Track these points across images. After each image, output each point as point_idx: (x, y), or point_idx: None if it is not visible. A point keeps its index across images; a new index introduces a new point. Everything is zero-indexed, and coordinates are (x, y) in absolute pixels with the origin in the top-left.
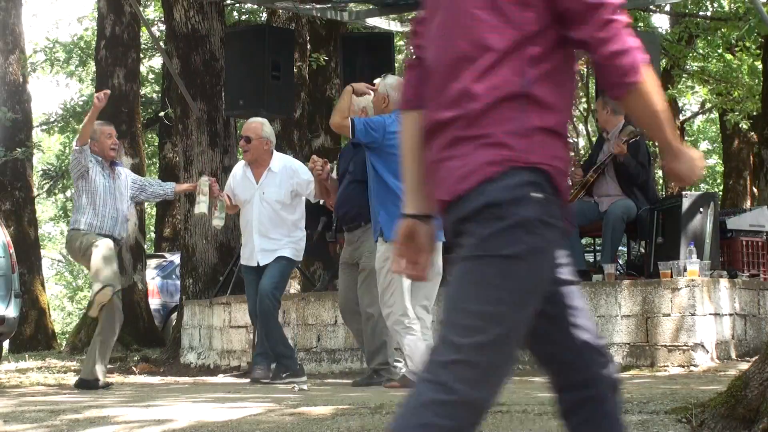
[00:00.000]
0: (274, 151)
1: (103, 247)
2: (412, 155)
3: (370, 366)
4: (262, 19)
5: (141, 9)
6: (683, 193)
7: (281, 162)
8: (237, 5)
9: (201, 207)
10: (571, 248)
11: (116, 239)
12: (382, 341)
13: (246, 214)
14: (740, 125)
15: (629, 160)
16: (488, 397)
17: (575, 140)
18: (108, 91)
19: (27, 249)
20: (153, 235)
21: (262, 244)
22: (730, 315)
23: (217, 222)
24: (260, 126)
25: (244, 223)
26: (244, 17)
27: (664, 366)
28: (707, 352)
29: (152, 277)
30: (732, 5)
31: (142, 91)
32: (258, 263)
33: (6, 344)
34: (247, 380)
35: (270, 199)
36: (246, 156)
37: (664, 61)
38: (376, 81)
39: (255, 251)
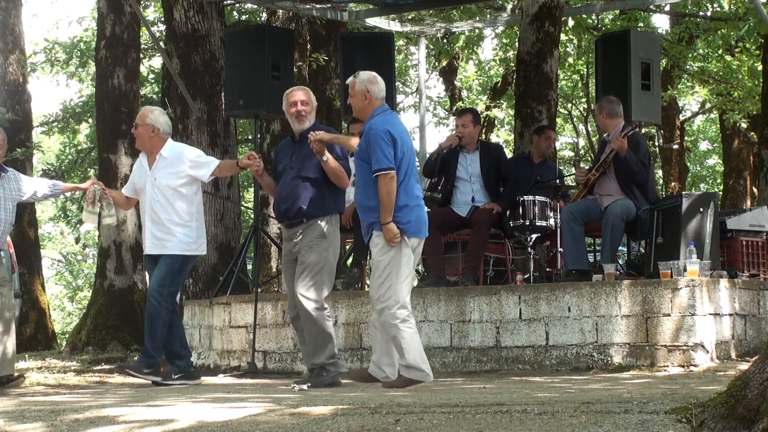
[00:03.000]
0: (169, 139)
1: None
2: None
3: (318, 362)
4: (262, 19)
5: (141, 9)
6: (683, 193)
7: (173, 148)
8: (237, 5)
9: (88, 217)
10: (575, 247)
11: None
12: (327, 334)
13: (141, 202)
14: (740, 125)
15: (630, 155)
16: None
17: (575, 140)
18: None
19: (27, 249)
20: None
21: (153, 230)
22: (730, 315)
23: (109, 221)
24: (147, 112)
25: (141, 211)
26: (244, 17)
27: (664, 366)
28: (707, 352)
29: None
30: (732, 5)
31: (142, 91)
32: (146, 251)
33: None
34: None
35: (161, 184)
36: (136, 142)
37: (664, 61)
38: (348, 81)
39: (146, 238)
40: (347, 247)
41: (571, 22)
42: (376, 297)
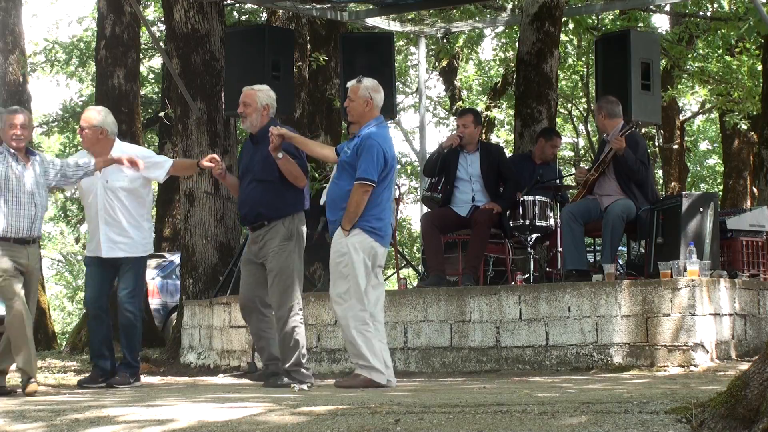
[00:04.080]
0: (117, 140)
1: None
2: None
3: (284, 367)
4: (262, 19)
5: (141, 9)
6: (683, 193)
7: (122, 150)
8: (237, 5)
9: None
10: (575, 247)
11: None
12: (295, 341)
13: (91, 205)
14: (740, 125)
15: (628, 154)
16: None
17: (575, 140)
18: None
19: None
20: (153, 235)
21: (109, 233)
22: (730, 315)
23: None
24: (94, 114)
25: (89, 214)
26: (244, 17)
27: (664, 366)
28: (707, 352)
29: (152, 277)
30: (732, 5)
31: (142, 91)
32: (103, 255)
33: None
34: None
35: (114, 187)
36: (83, 144)
37: (664, 61)
38: (349, 84)
39: (101, 242)
40: None
41: (571, 23)
42: (335, 297)
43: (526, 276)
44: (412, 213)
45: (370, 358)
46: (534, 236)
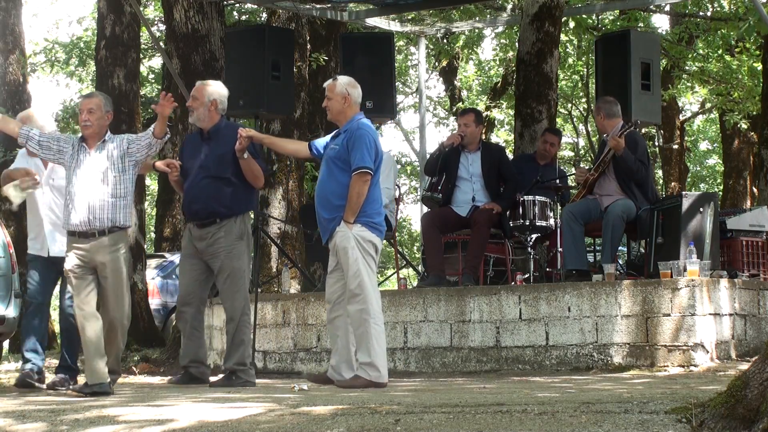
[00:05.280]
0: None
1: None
2: None
3: (227, 365)
4: (262, 19)
5: (141, 9)
6: (683, 193)
7: None
8: (237, 5)
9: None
10: (575, 247)
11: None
12: (241, 340)
13: (36, 202)
14: (740, 125)
15: (627, 154)
16: None
17: (575, 140)
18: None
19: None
20: (153, 235)
21: (54, 233)
22: (730, 315)
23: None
24: (39, 122)
25: (33, 212)
26: (244, 17)
27: (664, 366)
28: (707, 352)
29: (152, 277)
30: (732, 5)
31: (142, 91)
32: (51, 254)
33: (6, 344)
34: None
35: (60, 185)
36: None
37: (664, 61)
38: (325, 84)
39: (47, 240)
40: None
41: (571, 23)
42: (348, 293)
43: (526, 276)
44: (412, 213)
45: (379, 356)
46: (534, 236)
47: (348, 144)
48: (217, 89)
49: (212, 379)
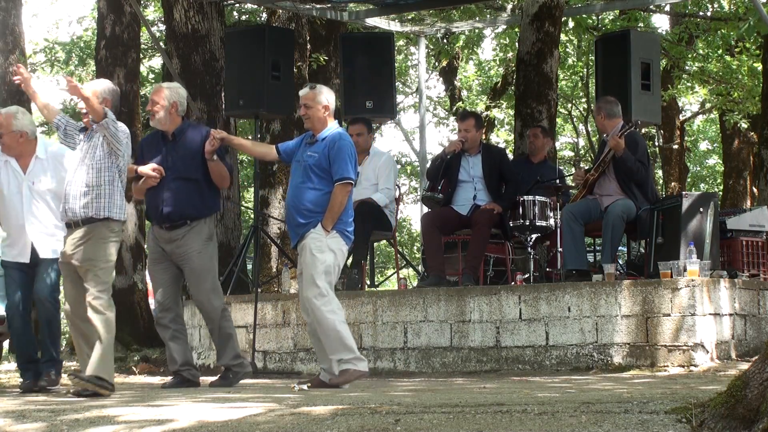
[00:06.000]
0: (38, 138)
1: None
2: None
3: (221, 363)
4: (262, 19)
5: (141, 9)
6: (683, 193)
7: (47, 149)
8: (237, 5)
9: None
10: (575, 247)
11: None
12: (228, 335)
13: (15, 206)
14: (740, 125)
15: (627, 154)
16: None
17: (575, 140)
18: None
19: None
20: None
21: (37, 236)
22: (730, 315)
23: None
24: (9, 119)
25: (11, 217)
26: (244, 17)
27: (664, 366)
28: (707, 352)
29: None
30: (732, 5)
31: (142, 91)
32: (29, 260)
33: (6, 344)
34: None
35: (41, 189)
36: (1, 149)
37: (664, 61)
38: (302, 92)
39: (26, 246)
40: None
41: (571, 23)
42: (312, 289)
43: (526, 276)
44: (412, 213)
45: (354, 349)
46: (534, 236)
47: (330, 153)
48: (176, 91)
49: (211, 379)
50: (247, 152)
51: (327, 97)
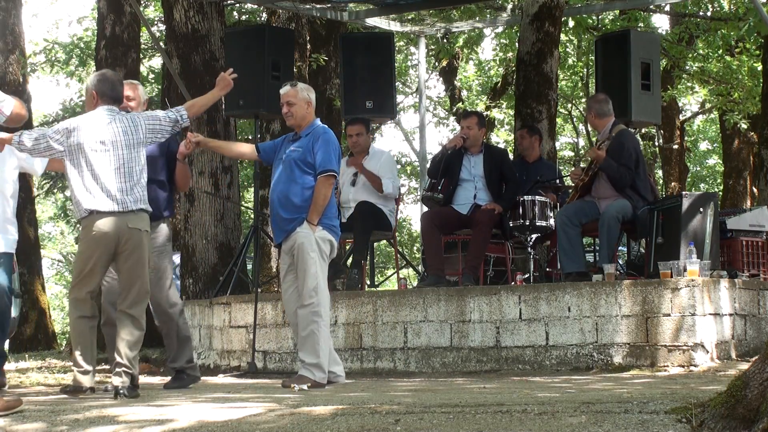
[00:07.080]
0: None
1: None
2: None
3: (175, 365)
4: (262, 19)
5: (141, 9)
6: (683, 193)
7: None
8: (237, 5)
9: None
10: (572, 250)
11: None
12: (186, 337)
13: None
14: (740, 125)
15: (608, 164)
16: None
17: (575, 140)
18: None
19: (27, 249)
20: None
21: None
22: (730, 315)
23: None
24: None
25: None
26: (244, 17)
27: (664, 366)
28: (707, 352)
29: None
30: (732, 5)
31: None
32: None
33: (6, 344)
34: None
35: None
36: None
37: (664, 61)
38: (283, 90)
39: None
40: (347, 247)
41: (571, 23)
42: (305, 290)
43: (526, 276)
44: (412, 213)
45: (324, 358)
46: (534, 236)
47: (314, 146)
48: (143, 90)
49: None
50: (225, 153)
51: (308, 93)
